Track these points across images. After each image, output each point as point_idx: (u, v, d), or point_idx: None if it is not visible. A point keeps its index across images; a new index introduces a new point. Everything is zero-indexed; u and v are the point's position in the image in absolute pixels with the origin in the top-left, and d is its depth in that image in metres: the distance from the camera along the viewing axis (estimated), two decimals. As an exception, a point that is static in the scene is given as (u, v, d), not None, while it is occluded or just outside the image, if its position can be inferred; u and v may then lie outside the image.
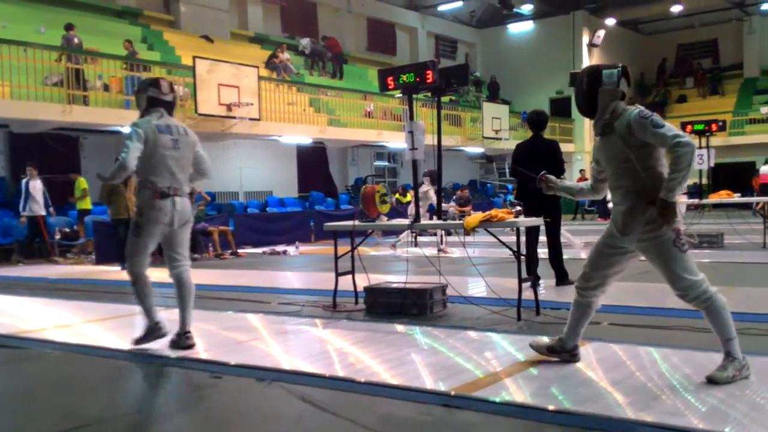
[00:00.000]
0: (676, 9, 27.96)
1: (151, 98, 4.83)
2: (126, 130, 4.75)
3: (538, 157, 6.99)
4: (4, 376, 4.63)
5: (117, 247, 11.03)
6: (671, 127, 3.61)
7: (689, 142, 3.54)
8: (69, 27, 14.88)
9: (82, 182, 13.55)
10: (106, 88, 14.39)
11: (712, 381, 3.61)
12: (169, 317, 5.20)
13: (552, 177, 4.37)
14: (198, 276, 9.94)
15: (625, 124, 3.70)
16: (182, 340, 4.87)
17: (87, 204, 13.58)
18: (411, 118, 6.37)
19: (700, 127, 12.30)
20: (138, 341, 4.91)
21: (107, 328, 5.91)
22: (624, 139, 3.71)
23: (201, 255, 12.75)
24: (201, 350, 4.94)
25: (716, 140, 17.81)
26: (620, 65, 3.91)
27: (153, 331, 4.92)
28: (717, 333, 3.73)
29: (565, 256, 7.55)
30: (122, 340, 5.32)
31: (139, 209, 4.82)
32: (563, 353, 4.16)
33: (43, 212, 12.75)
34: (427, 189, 11.48)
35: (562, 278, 7.38)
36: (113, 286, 8.97)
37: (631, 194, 3.74)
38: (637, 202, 3.72)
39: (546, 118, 7.69)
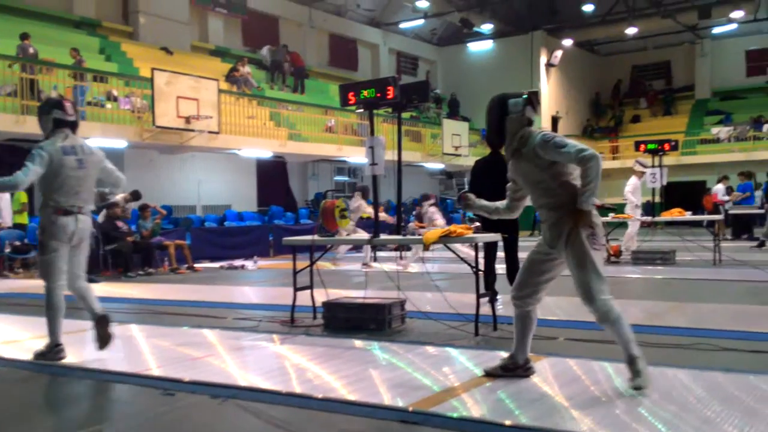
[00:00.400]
0: (630, 31, 28.69)
1: (57, 120, 5.00)
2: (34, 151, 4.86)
3: (495, 174, 7.07)
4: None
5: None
6: (574, 144, 3.80)
7: (593, 155, 3.73)
8: (24, 36, 14.58)
9: (21, 196, 13.19)
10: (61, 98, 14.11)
11: (638, 388, 3.76)
12: (123, 333, 5.08)
13: (471, 195, 4.48)
14: (152, 290, 9.86)
15: (532, 149, 3.91)
16: (52, 353, 4.95)
17: (24, 219, 13.21)
18: (372, 133, 6.38)
19: (653, 146, 12.58)
20: (38, 356, 4.99)
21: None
22: (533, 162, 3.93)
23: (156, 269, 12.53)
24: (154, 366, 4.84)
25: (669, 159, 18.25)
26: (526, 93, 4.07)
27: (52, 351, 4.98)
28: (618, 339, 3.87)
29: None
30: (73, 356, 5.18)
31: (41, 227, 4.95)
32: (517, 369, 4.21)
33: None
34: (359, 203, 12.04)
35: None
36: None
37: (553, 210, 3.95)
38: (559, 216, 3.91)
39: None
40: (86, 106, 14.23)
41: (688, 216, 12.30)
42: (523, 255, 10.15)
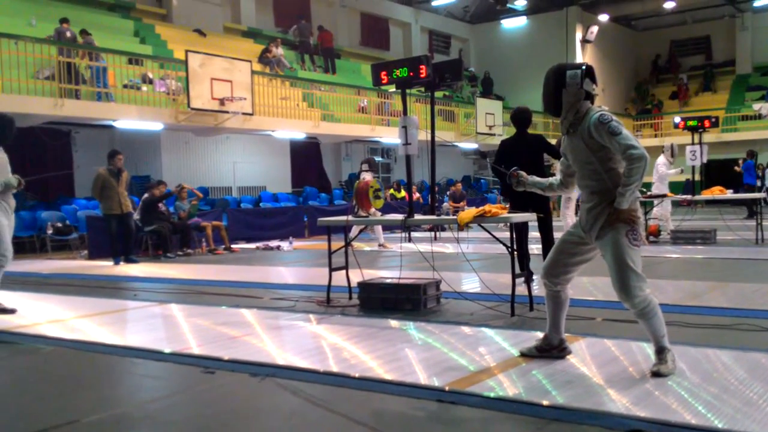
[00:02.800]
0: (669, 5, 28.01)
1: None
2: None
3: (521, 154, 7.05)
4: (-5, 372, 4.61)
5: (110, 242, 11.07)
6: (627, 136, 3.68)
7: (642, 156, 3.62)
8: (64, 20, 14.80)
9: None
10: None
11: (658, 375, 3.69)
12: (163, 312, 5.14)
13: (522, 173, 4.38)
14: (191, 271, 10.02)
15: (587, 127, 3.78)
16: None
17: None
18: (405, 113, 6.35)
19: (693, 123, 12.32)
20: None
21: (100, 323, 5.88)
22: (585, 141, 3.81)
23: (194, 250, 12.72)
24: (194, 345, 4.92)
25: (709, 136, 17.90)
26: (584, 65, 3.94)
27: None
28: (651, 333, 3.81)
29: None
30: (115, 335, 5.31)
31: None
32: (552, 350, 4.18)
33: None
34: (368, 179, 11.87)
35: None
36: (106, 281, 8.94)
37: (594, 194, 3.85)
38: (598, 202, 3.82)
39: (529, 114, 7.71)
40: (122, 89, 14.42)
41: (728, 194, 12.06)
42: (556, 234, 10.06)
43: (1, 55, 12.32)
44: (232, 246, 13.24)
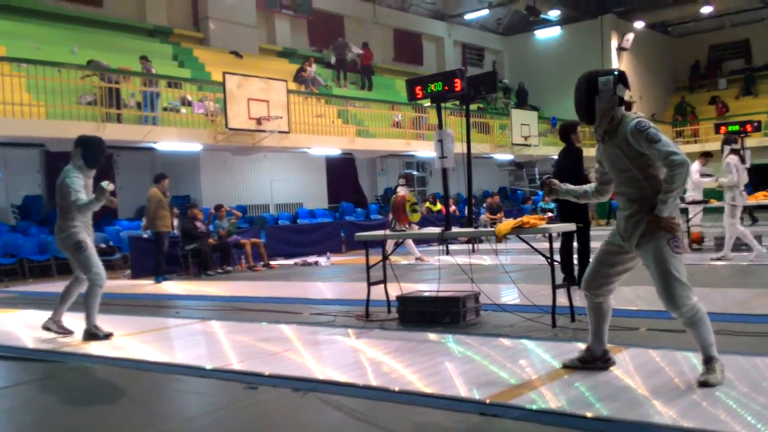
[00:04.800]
0: (706, 10, 27.54)
1: None
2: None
3: (561, 166, 7.24)
4: (46, 390, 4.72)
5: (157, 260, 11.32)
6: (667, 142, 3.62)
7: (684, 162, 3.57)
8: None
9: None
10: (138, 106, 14.65)
11: (706, 385, 3.61)
12: (204, 329, 5.21)
13: (555, 181, 4.37)
14: (231, 288, 10.14)
15: (623, 134, 3.72)
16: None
17: None
18: (440, 126, 6.37)
19: (735, 128, 12.09)
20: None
21: (144, 341, 5.99)
22: (622, 149, 3.75)
23: (233, 267, 12.87)
24: (235, 361, 4.98)
25: (752, 141, 17.49)
26: (616, 71, 3.90)
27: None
28: (699, 342, 3.73)
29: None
30: (159, 353, 5.39)
31: None
32: (595, 361, 4.12)
33: None
34: (404, 193, 11.82)
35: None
36: (149, 299, 9.10)
37: (633, 201, 3.79)
38: (637, 210, 3.75)
39: (566, 127, 7.79)
40: (161, 112, 14.73)
41: (773, 199, 11.75)
42: (596, 244, 9.98)
43: (45, 83, 12.69)
44: (271, 262, 13.36)
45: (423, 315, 6.12)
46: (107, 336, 6.01)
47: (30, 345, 6.12)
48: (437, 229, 6.39)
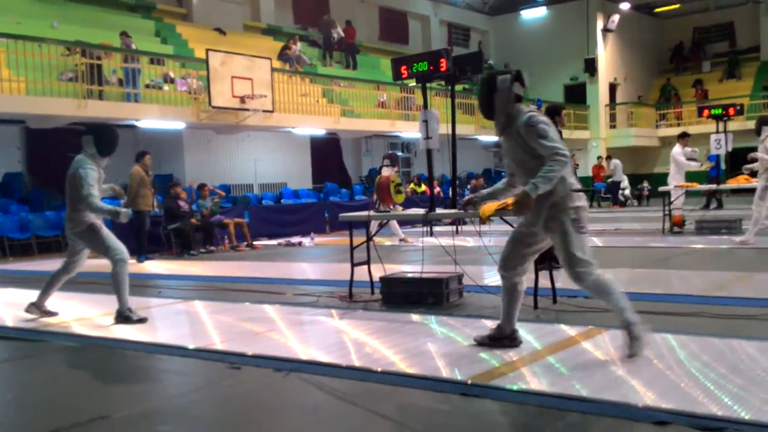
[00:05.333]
0: (691, -8, 27.58)
1: None
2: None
3: None
4: (26, 369, 4.70)
5: (138, 239, 11.24)
6: (554, 139, 3.92)
7: (565, 161, 3.86)
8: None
9: None
10: (120, 82, 14.47)
11: (634, 355, 3.85)
12: (187, 309, 5.20)
13: (472, 197, 4.60)
14: (214, 268, 10.11)
15: (517, 128, 4.03)
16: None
17: None
18: (425, 107, 6.35)
19: (717, 111, 12.17)
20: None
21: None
22: (518, 141, 4.05)
23: (217, 247, 12.82)
24: (218, 341, 4.98)
25: (734, 125, 17.60)
26: (514, 71, 4.20)
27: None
28: (612, 308, 4.00)
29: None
30: (141, 332, 5.38)
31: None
32: (503, 339, 4.33)
33: None
34: (389, 174, 11.84)
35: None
36: (131, 278, 9.03)
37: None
38: (539, 197, 3.95)
39: (550, 110, 7.79)
40: (144, 89, 14.55)
41: (754, 183, 11.87)
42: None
43: (25, 58, 12.48)
44: (254, 243, 13.32)
45: (406, 296, 6.14)
46: (141, 320, 5.68)
47: (10, 324, 6.08)
48: (421, 211, 6.40)
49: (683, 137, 12.36)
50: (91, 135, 5.83)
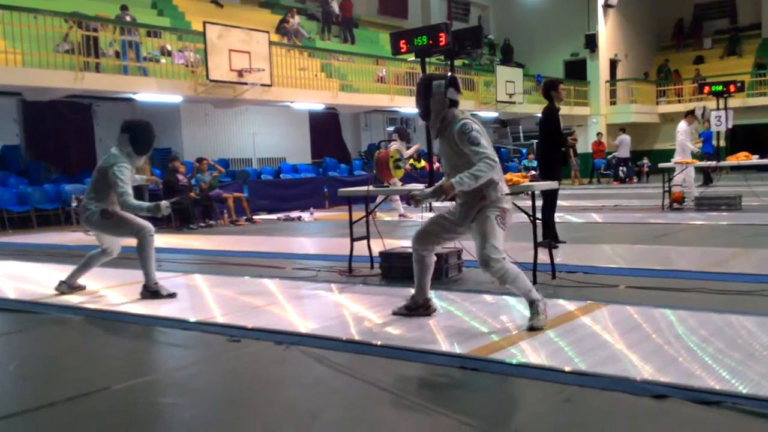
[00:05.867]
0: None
1: None
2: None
3: (542, 124, 7.63)
4: (26, 341, 4.71)
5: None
6: (485, 146, 4.07)
7: (493, 165, 4.02)
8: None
9: None
10: (117, 55, 14.34)
11: (535, 328, 4.06)
12: (187, 282, 5.21)
13: (414, 192, 4.47)
14: (213, 242, 10.12)
15: (452, 133, 4.17)
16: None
17: None
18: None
19: (718, 88, 12.11)
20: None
21: (125, 293, 5.97)
22: (452, 146, 4.21)
23: (216, 222, 12.83)
24: (218, 314, 4.99)
25: (734, 101, 17.56)
26: (449, 75, 4.34)
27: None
28: (518, 291, 4.22)
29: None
30: (141, 305, 5.39)
31: None
32: (418, 309, 4.59)
33: None
34: (398, 147, 11.84)
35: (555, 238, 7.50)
36: (131, 252, 9.04)
37: (465, 192, 4.18)
38: (470, 199, 4.21)
39: (547, 84, 7.81)
40: (142, 62, 14.44)
41: (754, 160, 11.87)
42: (578, 203, 9.95)
43: (21, 30, 12.36)
44: (254, 217, 13.33)
45: (405, 271, 6.12)
46: (171, 295, 5.57)
47: (11, 296, 6.10)
48: (420, 186, 6.38)
49: (690, 114, 12.33)
50: (127, 133, 5.58)
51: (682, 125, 12.22)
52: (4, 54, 12.14)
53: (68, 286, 5.96)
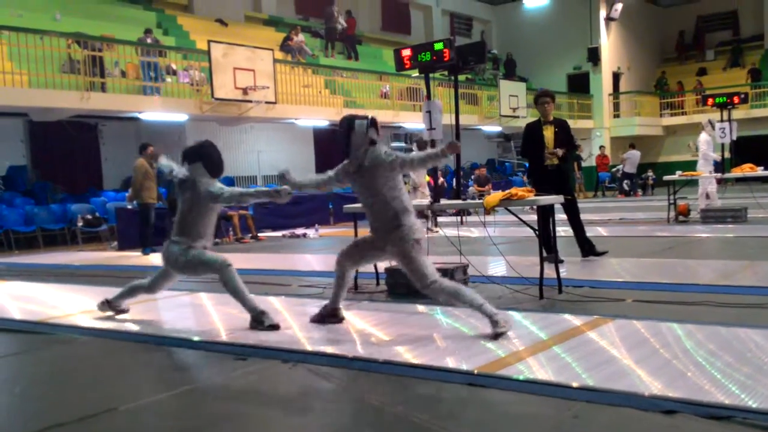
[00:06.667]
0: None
1: None
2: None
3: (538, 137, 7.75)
4: (33, 362, 4.71)
5: (142, 232, 11.25)
6: (395, 153, 4.56)
7: (414, 158, 4.60)
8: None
9: None
10: (123, 74, 14.45)
11: (498, 336, 4.25)
12: (192, 301, 5.20)
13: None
14: (219, 260, 10.07)
15: (373, 164, 4.53)
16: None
17: None
18: (428, 97, 6.33)
19: (721, 99, 12.12)
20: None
21: (132, 312, 5.96)
22: (374, 177, 4.55)
23: (221, 239, 12.83)
24: (224, 333, 4.98)
25: (738, 113, 17.55)
26: (370, 117, 4.71)
27: None
28: (468, 305, 4.45)
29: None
30: (147, 325, 5.39)
31: None
32: (331, 317, 4.99)
33: None
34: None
35: (589, 250, 7.51)
36: (136, 271, 9.07)
37: (384, 219, 4.55)
38: (389, 224, 4.54)
39: (536, 96, 7.90)
40: (149, 81, 14.54)
41: (759, 171, 11.85)
42: (583, 216, 9.95)
43: (27, 51, 12.47)
44: (259, 235, 13.34)
45: (411, 287, 6.10)
46: (274, 327, 4.92)
47: (17, 316, 6.10)
48: (426, 202, 6.39)
49: (710, 123, 12.33)
50: (200, 161, 5.26)
51: (704, 136, 12.20)
52: (10, 75, 12.25)
53: (111, 306, 5.66)
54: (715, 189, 12.44)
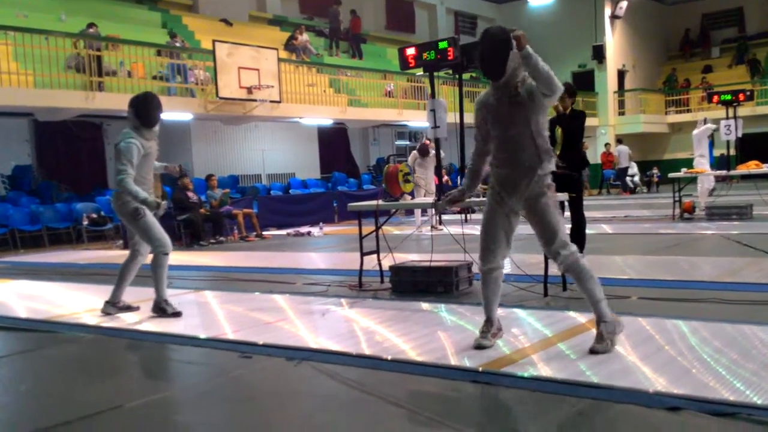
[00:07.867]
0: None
1: None
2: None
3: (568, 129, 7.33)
4: (39, 360, 4.73)
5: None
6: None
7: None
8: (91, 25, 15.13)
9: None
10: (129, 74, 14.48)
11: (596, 352, 3.77)
12: (197, 299, 5.22)
13: (451, 194, 4.44)
14: (224, 258, 10.14)
15: (529, 92, 3.86)
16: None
17: None
18: (433, 96, 6.33)
19: (727, 97, 12.08)
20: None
21: (137, 311, 5.98)
22: (526, 106, 3.85)
23: (226, 238, 12.86)
24: (229, 331, 5.00)
25: (743, 110, 17.48)
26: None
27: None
28: (587, 297, 3.94)
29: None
30: (152, 323, 5.40)
31: None
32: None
33: None
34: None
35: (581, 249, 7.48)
36: (142, 269, 9.08)
37: (522, 159, 3.91)
38: (527, 163, 3.91)
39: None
40: (150, 80, 14.55)
41: (765, 168, 11.81)
42: (589, 213, 9.92)
43: (33, 51, 12.50)
44: (264, 233, 13.36)
45: (416, 285, 6.15)
46: (176, 314, 5.51)
47: (23, 315, 6.13)
48: (430, 199, 6.39)
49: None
50: (132, 108, 5.51)
51: (695, 132, 12.25)
52: (16, 75, 12.29)
53: (113, 305, 5.78)
54: (710, 187, 12.43)
